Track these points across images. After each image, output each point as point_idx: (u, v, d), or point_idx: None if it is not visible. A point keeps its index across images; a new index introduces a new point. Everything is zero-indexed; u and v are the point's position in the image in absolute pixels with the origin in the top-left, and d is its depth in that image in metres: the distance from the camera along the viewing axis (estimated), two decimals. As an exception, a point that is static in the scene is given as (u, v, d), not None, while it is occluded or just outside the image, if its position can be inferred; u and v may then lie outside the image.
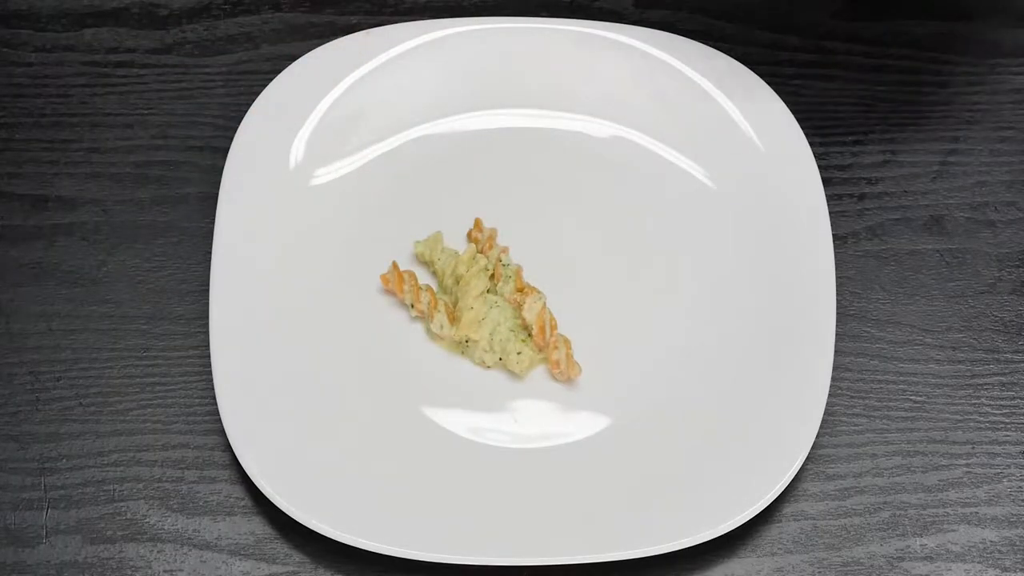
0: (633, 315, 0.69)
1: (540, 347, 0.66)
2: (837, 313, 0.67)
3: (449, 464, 0.64)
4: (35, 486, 0.64)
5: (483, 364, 0.67)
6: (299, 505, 0.61)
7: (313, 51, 0.74)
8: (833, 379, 0.65)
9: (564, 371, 0.66)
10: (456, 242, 0.70)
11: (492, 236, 0.70)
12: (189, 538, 0.63)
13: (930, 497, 0.65)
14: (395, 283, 0.68)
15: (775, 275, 0.68)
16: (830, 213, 0.70)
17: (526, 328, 0.67)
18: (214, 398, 0.64)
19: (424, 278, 0.69)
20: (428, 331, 0.68)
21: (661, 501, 0.62)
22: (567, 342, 0.66)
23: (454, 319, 0.67)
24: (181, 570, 0.62)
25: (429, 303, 0.67)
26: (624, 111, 0.75)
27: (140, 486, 0.64)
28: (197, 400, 0.66)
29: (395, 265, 0.68)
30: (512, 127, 0.75)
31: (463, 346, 0.67)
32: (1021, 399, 0.68)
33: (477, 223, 0.70)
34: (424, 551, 0.60)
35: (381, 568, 0.62)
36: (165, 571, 0.62)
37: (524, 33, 0.75)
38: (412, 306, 0.68)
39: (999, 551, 0.63)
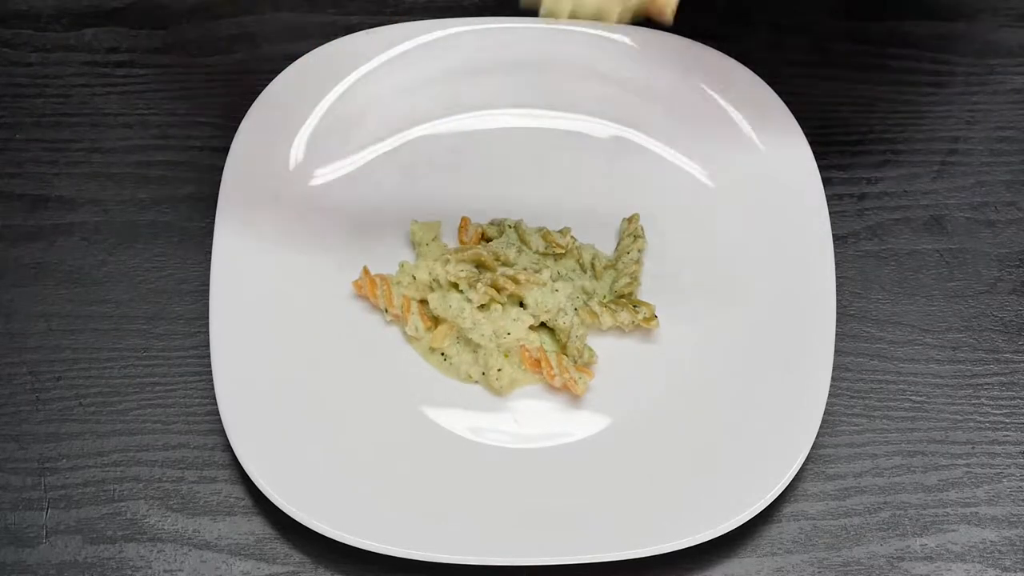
0: (633, 315, 0.69)
1: (535, 372, 0.67)
2: (837, 313, 0.67)
3: (449, 464, 0.64)
4: (35, 486, 0.64)
5: (468, 379, 0.67)
6: (299, 505, 0.61)
7: (313, 51, 0.74)
8: (833, 379, 0.65)
9: (573, 391, 0.66)
10: (454, 241, 0.71)
11: (476, 235, 0.70)
12: (189, 538, 0.63)
13: (930, 497, 0.65)
14: (367, 288, 0.68)
15: (775, 275, 0.68)
16: (830, 213, 0.70)
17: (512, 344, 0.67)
18: (214, 398, 0.64)
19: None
20: (405, 335, 0.68)
21: (661, 501, 0.62)
22: (561, 361, 0.66)
23: (429, 323, 0.67)
24: (181, 570, 0.62)
25: (403, 306, 0.67)
26: (624, 111, 0.74)
27: (140, 486, 0.64)
28: (197, 400, 0.66)
29: (366, 270, 0.68)
30: (512, 127, 0.74)
31: (439, 358, 0.67)
32: (1021, 399, 0.68)
33: (464, 222, 0.70)
34: (424, 551, 0.60)
35: (381, 568, 0.62)
36: (165, 571, 0.62)
37: (524, 33, 0.75)
38: (386, 310, 0.68)
39: (999, 551, 0.63)
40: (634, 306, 0.67)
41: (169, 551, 0.63)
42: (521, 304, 0.68)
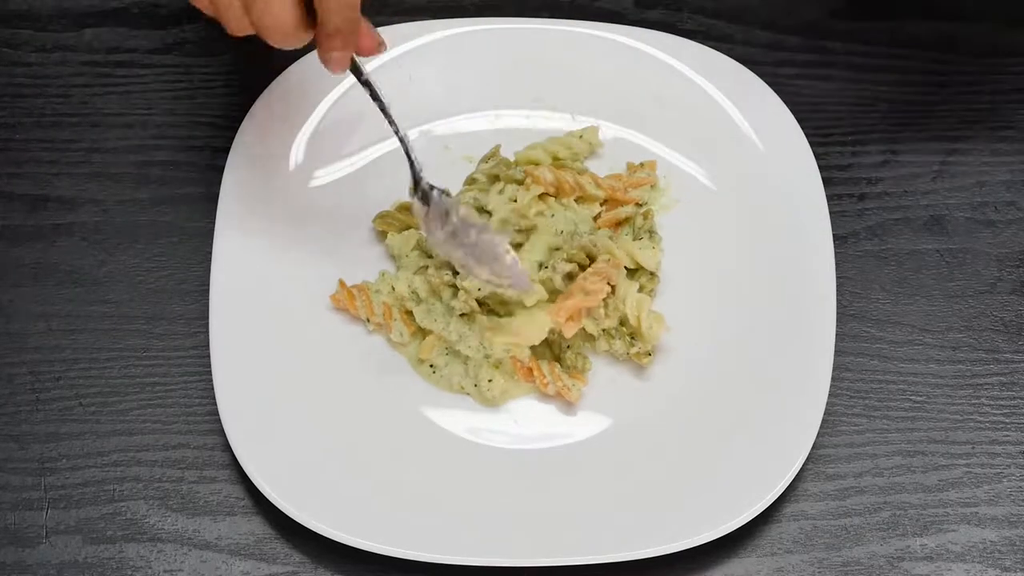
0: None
1: (528, 381, 0.66)
2: (837, 313, 0.67)
3: (449, 464, 0.64)
4: (35, 486, 0.64)
5: (460, 390, 0.66)
6: (299, 505, 0.61)
7: (313, 51, 0.74)
8: (833, 379, 0.65)
9: (566, 398, 0.66)
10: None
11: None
12: (189, 538, 0.63)
13: (930, 497, 0.65)
14: (346, 301, 0.67)
15: (775, 275, 0.68)
16: (830, 213, 0.70)
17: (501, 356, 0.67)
18: (214, 398, 0.64)
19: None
20: (389, 342, 0.68)
21: (661, 501, 0.62)
22: (554, 368, 0.66)
23: (414, 327, 0.67)
24: (181, 570, 0.62)
25: (384, 314, 0.67)
26: (624, 111, 0.74)
27: (140, 486, 0.64)
28: (197, 400, 0.66)
29: (342, 283, 0.68)
30: (512, 127, 0.74)
31: (428, 370, 0.67)
32: (1021, 399, 0.68)
33: None
34: (424, 551, 0.60)
35: (381, 568, 0.62)
36: (165, 571, 0.62)
37: (524, 33, 0.75)
38: (368, 320, 0.67)
39: (999, 551, 0.63)
40: (631, 336, 0.67)
41: (169, 551, 0.62)
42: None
